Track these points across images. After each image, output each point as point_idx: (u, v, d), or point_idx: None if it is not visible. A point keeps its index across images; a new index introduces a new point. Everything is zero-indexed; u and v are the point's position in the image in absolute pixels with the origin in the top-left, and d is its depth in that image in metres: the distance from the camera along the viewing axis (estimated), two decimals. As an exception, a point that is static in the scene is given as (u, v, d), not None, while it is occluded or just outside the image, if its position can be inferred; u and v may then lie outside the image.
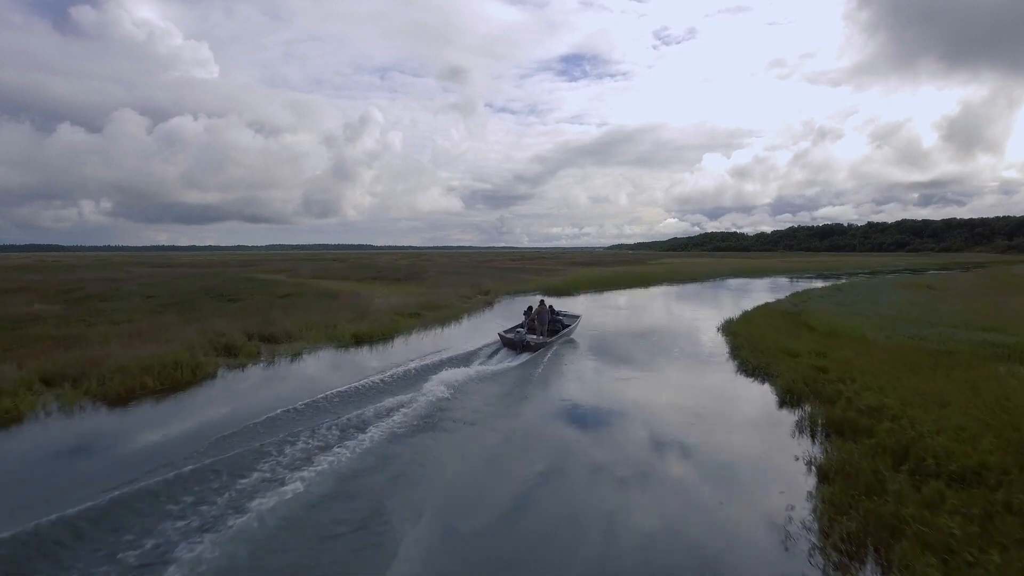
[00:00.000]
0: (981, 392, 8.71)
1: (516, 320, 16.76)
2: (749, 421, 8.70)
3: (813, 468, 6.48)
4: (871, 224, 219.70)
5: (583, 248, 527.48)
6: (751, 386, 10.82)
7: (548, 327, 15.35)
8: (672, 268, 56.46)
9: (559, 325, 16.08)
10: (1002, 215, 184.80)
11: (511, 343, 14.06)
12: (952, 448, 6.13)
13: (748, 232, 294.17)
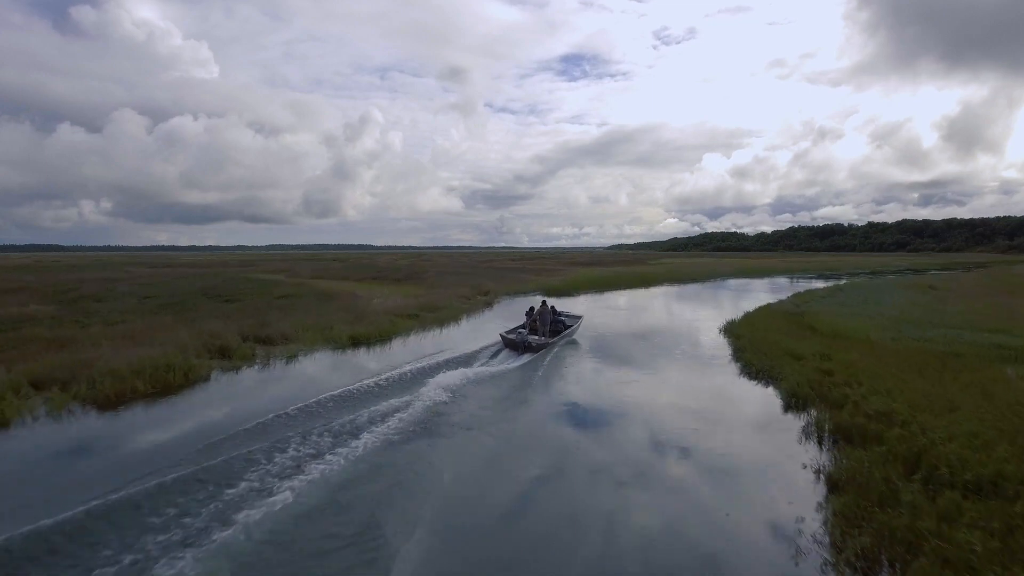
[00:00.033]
0: (992, 396, 8.51)
1: (515, 321, 16.58)
2: (754, 426, 8.48)
3: (822, 476, 6.26)
4: (871, 224, 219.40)
5: (583, 248, 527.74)
6: (755, 389, 10.61)
7: (550, 328, 15.26)
8: (672, 268, 56.27)
9: (561, 326, 15.96)
10: (1002, 215, 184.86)
11: (513, 344, 13.94)
12: (966, 456, 5.91)
13: (748, 232, 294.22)
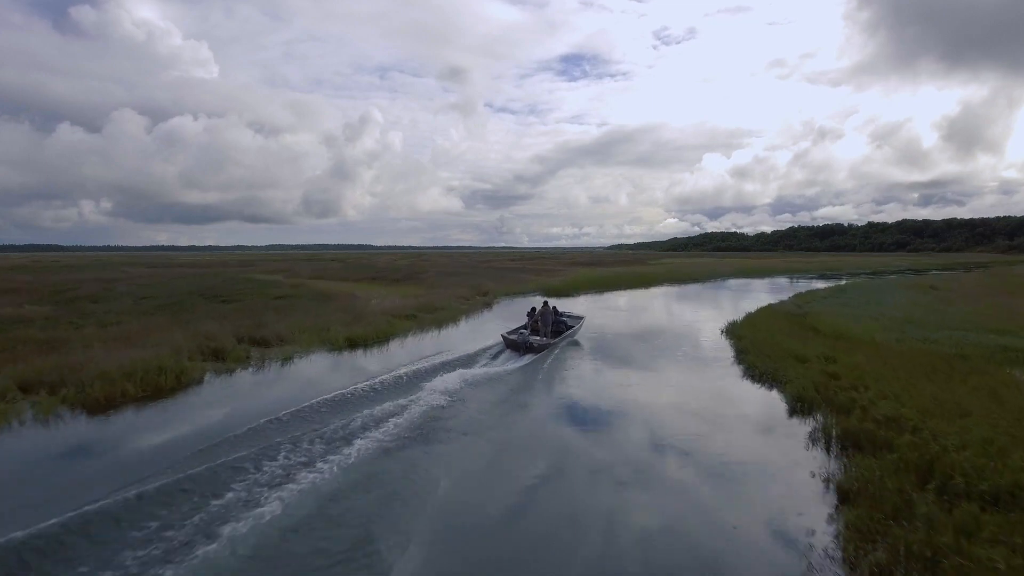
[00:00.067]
0: (1002, 400, 8.30)
1: (514, 322, 16.40)
2: (759, 431, 8.26)
3: (831, 485, 6.05)
4: (871, 224, 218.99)
5: (583, 248, 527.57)
6: (759, 392, 10.39)
7: (552, 328, 15.15)
8: (672, 268, 56.06)
9: (563, 326, 15.84)
10: (1002, 215, 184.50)
11: (514, 344, 13.84)
12: (981, 464, 5.70)
13: (748, 232, 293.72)
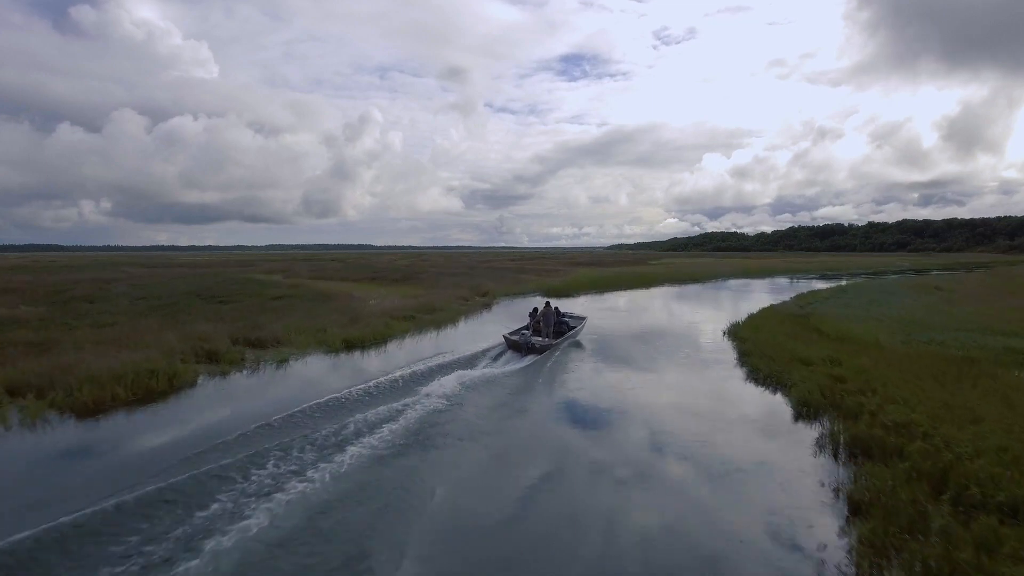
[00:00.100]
0: (1014, 405, 8.07)
1: (513, 323, 16.22)
2: (765, 437, 8.02)
3: (841, 495, 5.81)
4: (872, 224, 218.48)
5: (583, 248, 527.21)
6: (763, 396, 10.17)
7: (554, 329, 15.02)
8: (673, 268, 55.85)
9: (565, 327, 15.71)
10: (1002, 215, 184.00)
11: (516, 345, 13.74)
12: (997, 474, 5.48)
13: (748, 232, 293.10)
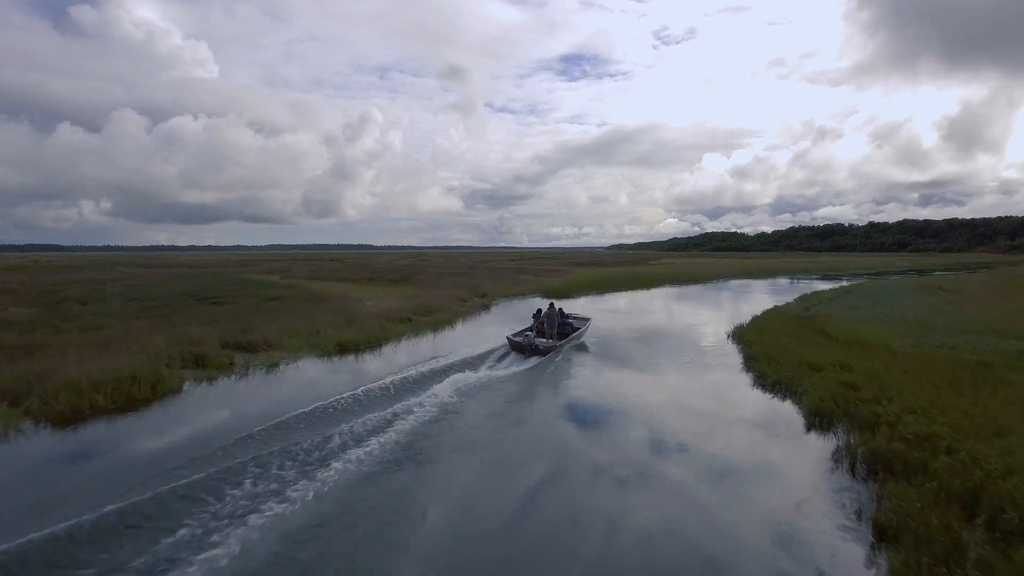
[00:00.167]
0: (1040, 416, 7.65)
1: (513, 325, 15.85)
2: (777, 450, 7.56)
3: (864, 518, 5.37)
4: (872, 224, 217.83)
5: (583, 248, 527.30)
6: (772, 404, 9.73)
7: (558, 330, 14.74)
8: (673, 269, 55.43)
9: (569, 328, 15.42)
10: (1003, 215, 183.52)
11: (519, 347, 13.52)
12: (1033, 495, 5.06)
13: (748, 232, 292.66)
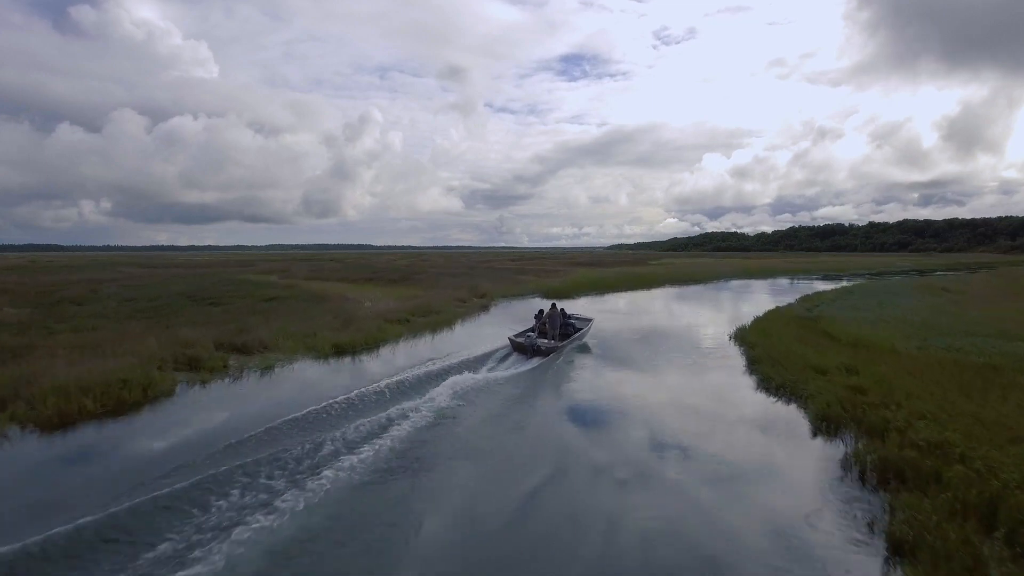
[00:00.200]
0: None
1: (512, 326, 15.66)
2: (784, 457, 7.34)
3: (877, 531, 5.15)
4: (873, 224, 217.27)
5: (583, 248, 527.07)
6: (777, 408, 9.51)
7: (560, 331, 14.59)
8: (673, 269, 55.22)
9: (571, 329, 15.27)
10: (1003, 215, 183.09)
11: (521, 347, 13.44)
12: (1053, 507, 4.85)
13: (748, 232, 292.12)
